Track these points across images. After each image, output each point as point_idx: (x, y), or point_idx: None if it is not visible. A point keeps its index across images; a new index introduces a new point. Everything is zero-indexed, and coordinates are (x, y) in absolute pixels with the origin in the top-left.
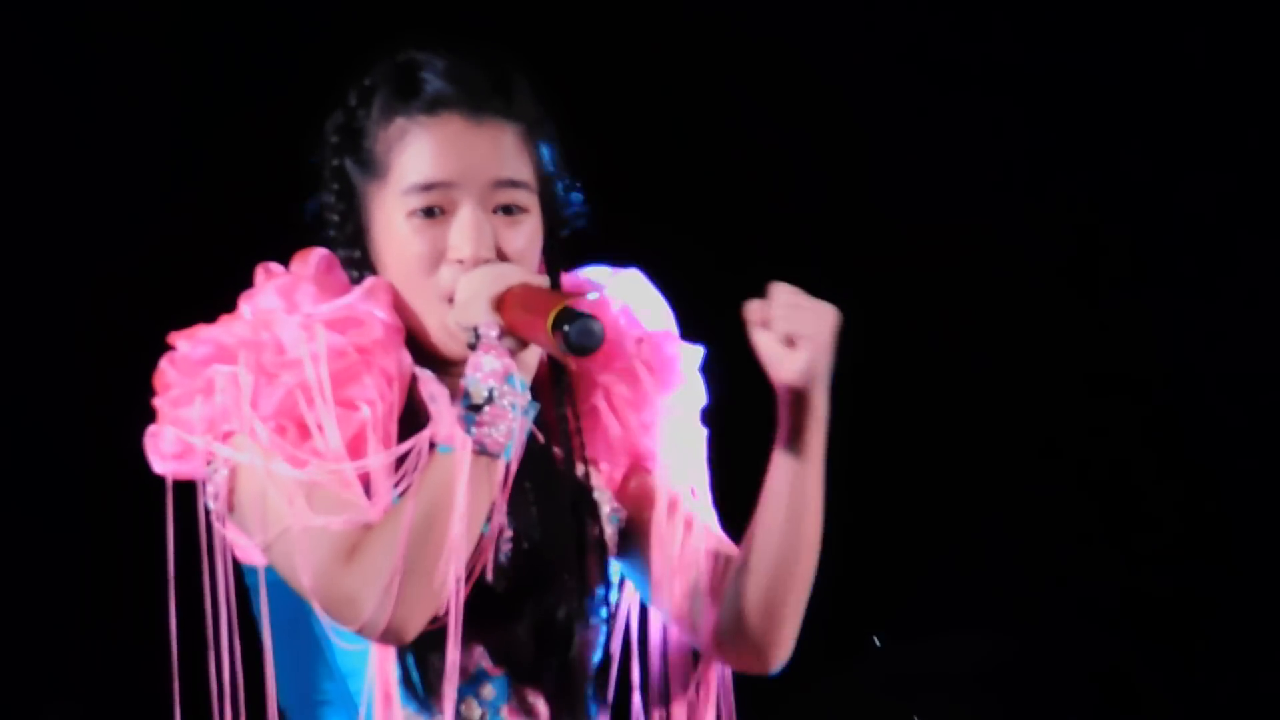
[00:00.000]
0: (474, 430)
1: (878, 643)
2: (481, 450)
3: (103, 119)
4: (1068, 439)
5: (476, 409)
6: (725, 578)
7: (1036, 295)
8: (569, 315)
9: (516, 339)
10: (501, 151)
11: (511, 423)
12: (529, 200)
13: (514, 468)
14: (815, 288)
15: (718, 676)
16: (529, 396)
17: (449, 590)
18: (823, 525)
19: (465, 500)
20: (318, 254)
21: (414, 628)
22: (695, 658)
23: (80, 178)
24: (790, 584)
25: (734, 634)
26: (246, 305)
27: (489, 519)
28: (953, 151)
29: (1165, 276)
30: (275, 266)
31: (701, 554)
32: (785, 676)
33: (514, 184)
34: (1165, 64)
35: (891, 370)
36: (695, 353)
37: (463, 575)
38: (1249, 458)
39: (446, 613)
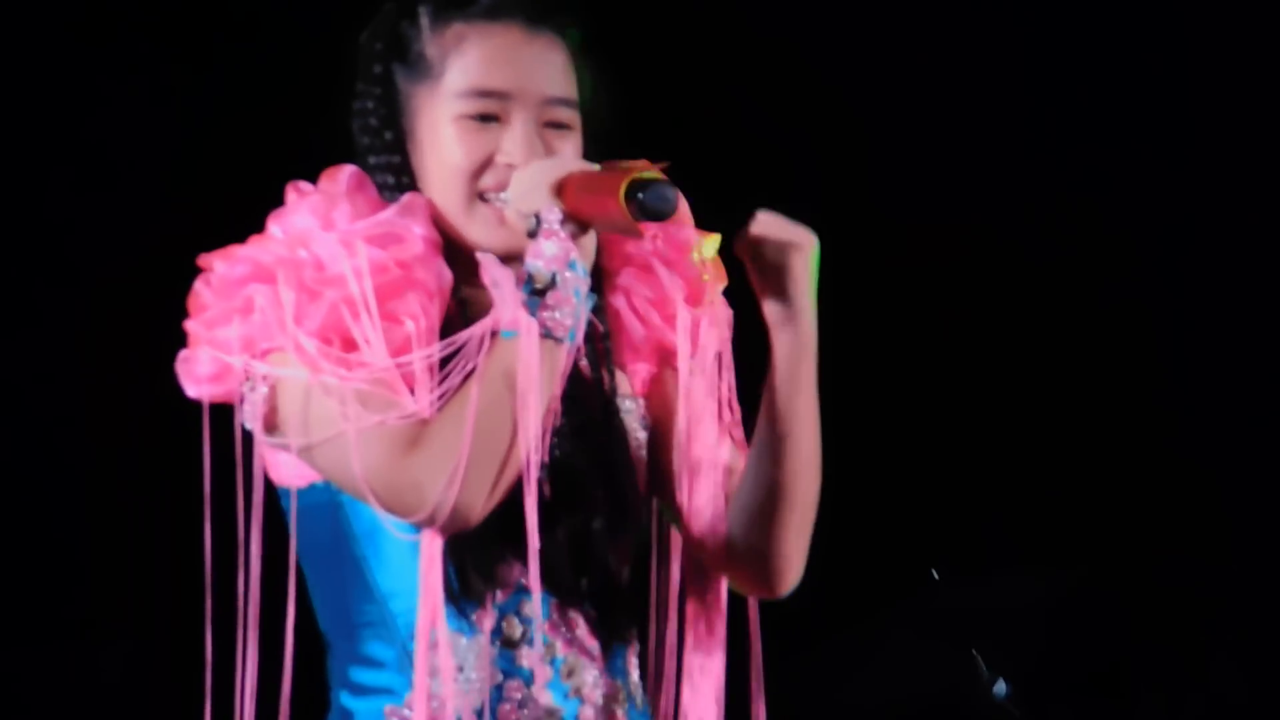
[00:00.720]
0: (539, 314)
1: (935, 576)
2: (547, 334)
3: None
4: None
5: (540, 293)
6: (731, 491)
7: (1036, 294)
8: (642, 183)
9: (578, 223)
10: (555, 67)
11: (575, 307)
12: (574, 118)
13: (573, 352)
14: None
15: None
16: (589, 282)
17: (515, 474)
18: (820, 450)
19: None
20: (347, 171)
21: (478, 514)
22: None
23: (83, 107)
24: (785, 505)
25: (736, 550)
26: (277, 225)
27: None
28: (952, 151)
29: (1165, 275)
30: (306, 185)
31: (714, 465)
32: (833, 612)
33: (564, 101)
34: (1165, 63)
35: (872, 379)
36: (713, 240)
37: (538, 459)
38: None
39: (504, 503)
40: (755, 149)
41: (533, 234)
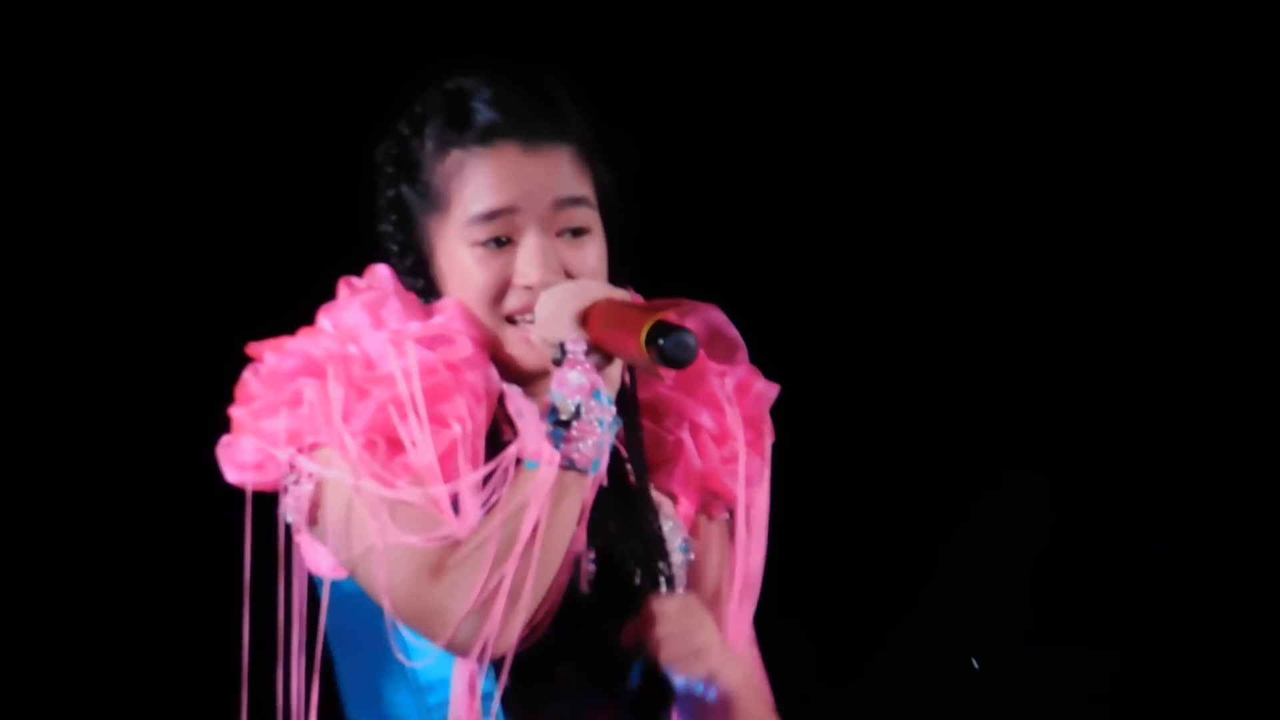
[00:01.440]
0: (562, 446)
1: (975, 665)
2: (570, 465)
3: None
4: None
5: (564, 424)
6: None
7: (1036, 295)
8: (663, 329)
9: (602, 353)
10: (560, 173)
11: (599, 438)
12: (591, 219)
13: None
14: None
15: None
16: (614, 411)
17: (540, 602)
18: None
19: (554, 515)
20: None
21: (502, 643)
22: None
23: (105, 179)
24: None
25: None
26: (327, 318)
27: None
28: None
29: (1165, 275)
30: (358, 281)
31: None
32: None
33: (575, 201)
34: (1166, 63)
35: (881, 371)
36: (772, 390)
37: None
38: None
39: (536, 629)
40: (755, 150)
41: (558, 362)
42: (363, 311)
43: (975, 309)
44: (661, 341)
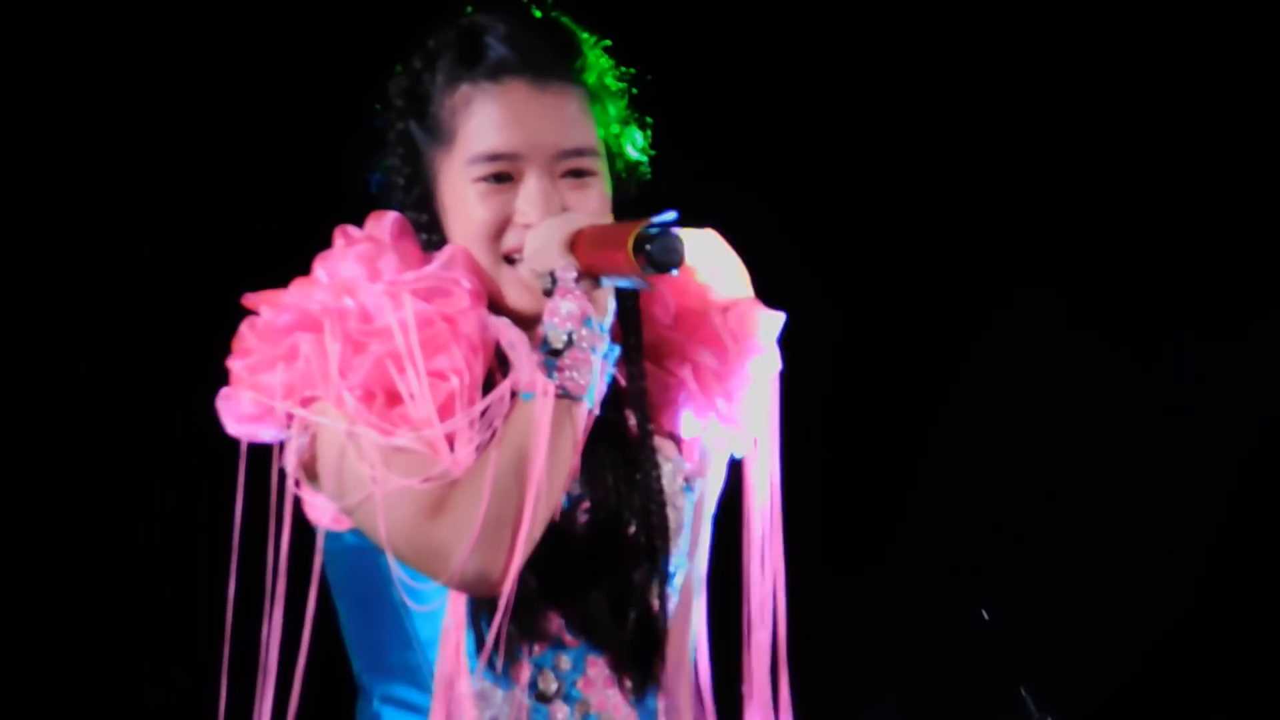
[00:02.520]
0: (555, 375)
1: (985, 617)
2: (564, 394)
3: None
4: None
5: (556, 353)
6: None
7: (1037, 295)
8: (649, 235)
9: (592, 279)
10: (566, 119)
11: (592, 365)
12: (595, 164)
13: (595, 412)
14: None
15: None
16: (608, 339)
17: (539, 536)
18: None
19: (550, 444)
20: (391, 217)
21: (502, 577)
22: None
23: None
24: None
25: None
26: (323, 269)
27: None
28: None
29: (1167, 280)
30: (354, 230)
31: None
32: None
33: (579, 152)
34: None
35: (867, 382)
36: (776, 319)
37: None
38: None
39: (540, 558)
40: (755, 150)
41: (549, 292)
42: (358, 264)
43: (973, 310)
44: (648, 248)
